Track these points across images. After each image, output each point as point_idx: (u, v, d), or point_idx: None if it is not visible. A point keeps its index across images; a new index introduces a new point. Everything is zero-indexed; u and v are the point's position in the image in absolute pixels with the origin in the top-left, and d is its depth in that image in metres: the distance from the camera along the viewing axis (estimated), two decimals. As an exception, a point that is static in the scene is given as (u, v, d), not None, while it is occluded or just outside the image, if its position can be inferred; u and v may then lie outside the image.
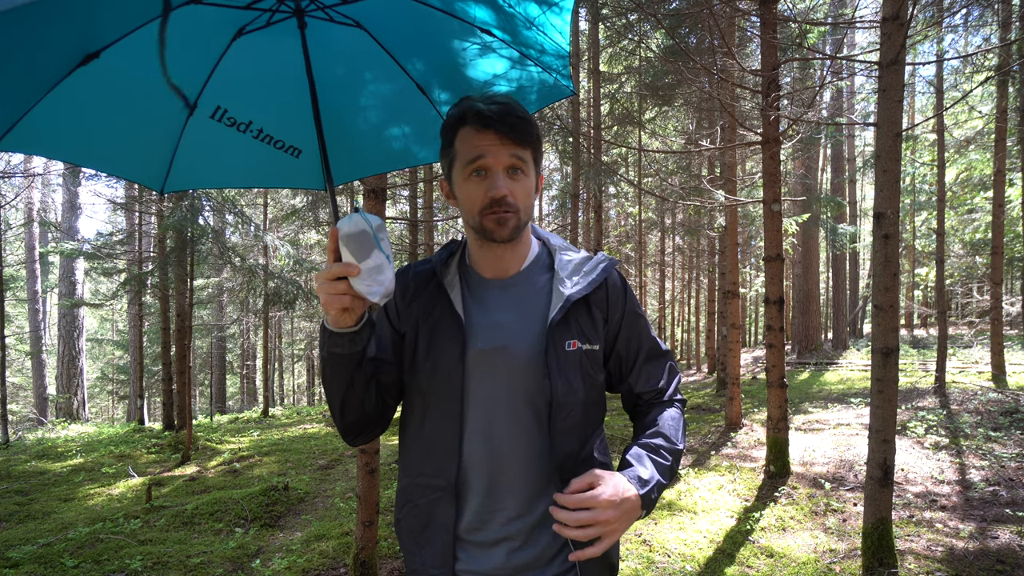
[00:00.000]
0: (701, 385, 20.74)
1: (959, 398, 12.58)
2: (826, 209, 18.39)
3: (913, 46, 12.03)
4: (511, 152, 1.73)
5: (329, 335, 1.66)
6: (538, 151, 1.85)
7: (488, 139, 1.72)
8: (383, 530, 6.59)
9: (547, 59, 2.33)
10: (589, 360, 1.84)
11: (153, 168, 2.35)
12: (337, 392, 1.76)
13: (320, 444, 12.94)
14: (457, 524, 1.82)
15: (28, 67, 1.81)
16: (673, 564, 5.89)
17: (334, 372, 1.73)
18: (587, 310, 1.87)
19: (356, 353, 1.69)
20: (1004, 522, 6.59)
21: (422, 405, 1.87)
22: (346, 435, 1.90)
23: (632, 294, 1.99)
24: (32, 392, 25.45)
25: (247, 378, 37.21)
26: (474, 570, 1.83)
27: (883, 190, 5.25)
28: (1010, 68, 12.86)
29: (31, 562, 6.21)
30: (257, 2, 2.11)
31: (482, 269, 1.93)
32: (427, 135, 2.62)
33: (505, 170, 1.74)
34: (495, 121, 1.71)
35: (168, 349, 15.91)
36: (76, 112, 2.02)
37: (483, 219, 1.76)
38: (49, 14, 1.69)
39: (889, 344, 5.22)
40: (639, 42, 14.19)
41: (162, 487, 9.48)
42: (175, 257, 12.86)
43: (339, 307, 1.58)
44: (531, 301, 1.86)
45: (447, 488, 1.81)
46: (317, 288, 1.58)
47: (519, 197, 1.76)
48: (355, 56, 2.40)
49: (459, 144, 1.77)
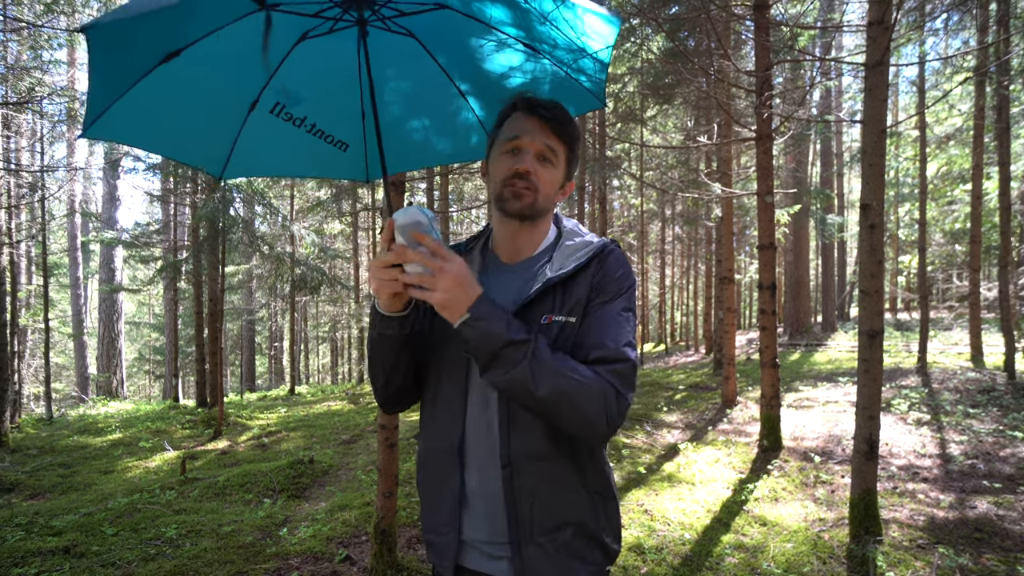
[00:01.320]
0: (699, 365, 20.74)
1: (940, 377, 12.55)
2: (816, 201, 18.29)
3: (897, 48, 11.97)
4: (546, 139, 1.78)
5: (381, 318, 1.72)
6: (572, 151, 1.87)
7: (530, 123, 1.79)
8: (402, 501, 6.60)
9: (559, 54, 2.33)
10: (565, 333, 1.74)
11: (215, 156, 2.41)
12: (382, 369, 1.84)
13: (343, 420, 12.97)
14: (463, 486, 1.81)
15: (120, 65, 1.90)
16: (673, 532, 5.89)
17: (382, 351, 1.79)
18: (571, 289, 1.78)
19: (404, 336, 1.74)
20: (981, 493, 6.59)
21: (436, 377, 1.89)
22: (385, 405, 1.99)
23: (624, 291, 1.81)
24: (74, 371, 25.56)
25: (275, 358, 37.31)
26: (479, 538, 1.81)
27: (869, 183, 5.23)
28: (987, 69, 12.81)
29: (73, 530, 6.25)
30: (324, 11, 2.15)
31: (500, 252, 1.94)
32: (465, 136, 2.67)
33: (536, 154, 1.79)
34: (540, 108, 1.78)
35: (201, 331, 16.01)
36: (151, 105, 2.08)
37: (503, 188, 1.79)
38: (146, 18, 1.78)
39: (875, 327, 5.21)
40: (641, 44, 14.14)
41: (195, 460, 9.52)
42: (208, 245, 12.92)
43: (390, 292, 1.62)
44: (525, 285, 1.84)
45: (452, 450, 1.81)
46: (371, 273, 1.61)
47: (542, 180, 1.79)
48: (404, 61, 2.43)
49: (505, 126, 1.84)
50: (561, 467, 1.77)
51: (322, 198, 20.14)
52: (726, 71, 10.89)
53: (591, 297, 1.78)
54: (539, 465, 1.74)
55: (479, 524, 1.80)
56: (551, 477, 1.76)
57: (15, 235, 14.36)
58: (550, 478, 1.76)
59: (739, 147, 17.99)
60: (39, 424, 14.13)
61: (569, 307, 1.77)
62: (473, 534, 1.81)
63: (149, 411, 16.07)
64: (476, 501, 1.80)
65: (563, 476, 1.78)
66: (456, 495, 1.81)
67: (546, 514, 1.75)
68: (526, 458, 1.73)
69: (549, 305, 1.77)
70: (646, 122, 18.05)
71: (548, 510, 1.75)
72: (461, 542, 1.82)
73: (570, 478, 1.79)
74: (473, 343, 1.59)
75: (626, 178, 21.04)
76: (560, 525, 1.76)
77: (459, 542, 1.82)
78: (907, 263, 29.65)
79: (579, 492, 1.80)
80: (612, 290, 1.78)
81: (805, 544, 5.49)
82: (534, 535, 1.74)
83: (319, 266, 14.60)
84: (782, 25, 9.93)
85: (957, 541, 5.47)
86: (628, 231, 29.11)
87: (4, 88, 12.33)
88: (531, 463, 1.74)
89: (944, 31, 16.55)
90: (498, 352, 1.57)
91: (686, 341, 33.15)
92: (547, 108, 1.78)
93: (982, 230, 16.14)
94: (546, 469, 1.75)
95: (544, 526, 1.75)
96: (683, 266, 34.82)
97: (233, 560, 5.45)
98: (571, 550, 1.78)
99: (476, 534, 1.81)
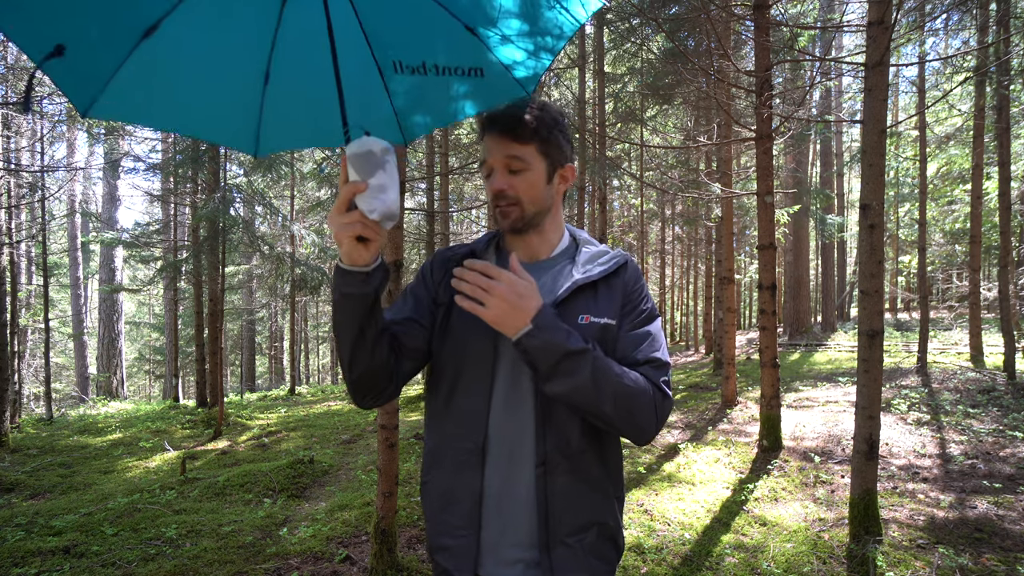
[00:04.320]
0: (699, 365, 20.72)
1: (940, 377, 12.55)
2: (815, 201, 18.29)
3: (897, 48, 11.96)
4: (506, 150, 1.78)
5: (342, 274, 1.61)
6: (547, 144, 1.83)
7: (492, 140, 1.80)
8: (402, 500, 6.61)
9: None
10: (608, 334, 1.79)
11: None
12: (347, 340, 1.68)
13: (343, 420, 12.97)
14: (483, 487, 1.78)
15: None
16: (673, 532, 5.89)
17: (344, 317, 1.65)
18: (603, 292, 1.84)
19: (367, 295, 1.62)
20: (981, 493, 6.59)
21: (454, 373, 1.84)
22: (354, 392, 1.78)
23: (653, 307, 1.92)
24: (74, 371, 25.60)
25: (275, 358, 37.30)
26: (499, 541, 1.79)
27: (869, 183, 5.23)
28: (987, 69, 12.81)
29: (73, 530, 6.25)
30: None
31: (515, 253, 1.90)
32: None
33: (504, 167, 1.80)
34: (493, 123, 1.80)
35: (201, 331, 16.01)
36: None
37: (494, 210, 1.83)
38: None
39: (874, 327, 5.21)
40: (641, 45, 14.14)
41: (195, 460, 9.53)
42: (208, 245, 12.91)
43: (351, 235, 1.53)
44: (551, 284, 1.84)
45: (475, 451, 1.77)
46: (330, 221, 1.56)
47: (520, 189, 1.79)
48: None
49: (483, 151, 1.84)
50: (592, 467, 1.80)
51: (322, 198, 20.11)
52: (726, 71, 10.88)
53: (625, 304, 1.84)
54: (572, 464, 1.76)
55: (500, 526, 1.79)
56: (584, 478, 1.78)
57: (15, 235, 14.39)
58: (583, 479, 1.78)
59: (739, 147, 17.99)
60: (39, 424, 14.11)
61: (604, 309, 1.81)
62: (491, 536, 1.79)
63: (149, 411, 16.06)
64: (498, 503, 1.78)
65: (593, 476, 1.80)
66: (476, 496, 1.78)
67: (575, 514, 1.77)
68: (561, 458, 1.74)
69: (583, 306, 1.79)
70: (646, 122, 18.03)
71: (577, 510, 1.78)
72: (479, 544, 1.80)
73: (599, 478, 1.82)
74: (533, 355, 1.59)
75: (626, 178, 21.01)
76: (587, 525, 1.79)
77: (478, 544, 1.80)
78: (907, 263, 29.68)
79: (606, 492, 1.84)
80: (648, 308, 1.88)
81: (805, 544, 5.49)
82: (562, 536, 1.75)
83: (319, 266, 14.60)
84: (782, 25, 9.94)
85: (957, 541, 5.46)
86: (628, 231, 29.09)
87: (4, 88, 12.34)
88: (565, 462, 1.75)
89: (944, 31, 16.59)
90: (559, 363, 1.58)
91: (686, 341, 33.11)
92: (498, 119, 1.80)
93: (982, 230, 16.15)
94: (579, 470, 1.77)
95: (573, 526, 1.76)
96: (683, 266, 34.80)
97: (233, 560, 5.45)
98: (594, 550, 1.80)
99: (495, 537, 1.79)
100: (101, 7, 1.80)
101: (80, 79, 1.88)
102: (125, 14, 1.85)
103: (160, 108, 2.16)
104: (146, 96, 2.07)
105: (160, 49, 1.96)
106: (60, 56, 1.75)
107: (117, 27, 1.86)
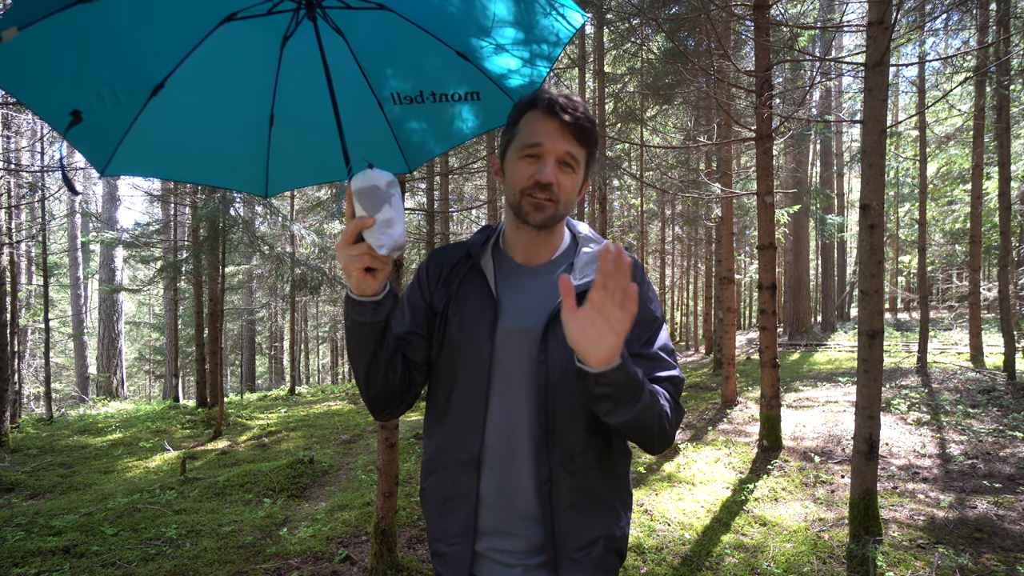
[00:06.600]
0: (699, 365, 20.72)
1: (940, 377, 12.55)
2: (815, 201, 18.32)
3: (897, 48, 11.96)
4: (568, 146, 1.70)
5: (352, 304, 1.62)
6: (591, 156, 1.80)
7: (551, 126, 1.70)
8: (402, 501, 6.61)
9: None
10: None
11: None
12: (362, 364, 1.70)
13: (343, 420, 12.98)
14: (479, 497, 1.76)
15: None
16: (673, 532, 5.89)
17: (358, 343, 1.67)
18: None
19: (378, 323, 1.63)
20: (981, 493, 6.59)
21: (450, 381, 1.82)
22: (372, 409, 1.83)
23: (653, 297, 1.84)
24: (74, 372, 25.60)
25: (275, 358, 37.31)
26: (495, 548, 1.78)
27: (869, 183, 5.23)
28: (987, 69, 12.81)
29: (73, 530, 6.25)
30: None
31: (514, 254, 1.88)
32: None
33: (557, 160, 1.71)
34: (562, 111, 1.69)
35: (201, 331, 16.01)
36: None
37: (523, 200, 1.73)
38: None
39: (874, 327, 5.21)
40: (641, 45, 14.15)
41: (195, 460, 9.53)
42: (208, 245, 12.90)
43: (359, 267, 1.53)
44: (550, 290, 1.78)
45: (470, 462, 1.76)
46: (338, 254, 1.54)
47: (563, 189, 1.72)
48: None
49: (523, 124, 1.74)
50: (599, 482, 1.78)
51: (322, 198, 20.09)
52: (726, 71, 10.88)
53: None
54: (578, 481, 1.73)
55: (497, 536, 1.78)
56: (591, 494, 1.76)
57: (15, 235, 14.38)
58: (590, 494, 1.76)
59: (739, 147, 18.01)
60: (39, 424, 14.11)
61: None
62: (488, 545, 1.79)
63: (149, 411, 16.07)
64: (494, 512, 1.77)
65: (600, 490, 1.79)
66: (472, 505, 1.77)
67: (583, 531, 1.75)
68: (567, 474, 1.72)
69: None
70: (646, 122, 18.03)
71: (585, 526, 1.76)
72: (475, 553, 1.80)
73: (606, 491, 1.81)
74: (619, 387, 1.48)
75: (626, 178, 20.99)
76: (595, 539, 1.77)
77: (472, 553, 1.79)
78: (907, 263, 29.71)
79: (614, 504, 1.83)
80: (656, 314, 1.82)
81: (805, 544, 5.49)
82: (570, 551, 1.74)
83: (319, 266, 14.56)
84: (782, 25, 9.95)
85: (957, 541, 5.47)
86: (628, 231, 29.07)
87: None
88: (571, 479, 1.72)
89: (944, 31, 16.56)
90: (635, 392, 1.51)
91: (686, 341, 33.15)
92: (569, 111, 1.69)
93: (982, 230, 16.15)
94: (585, 486, 1.75)
95: (581, 541, 1.75)
96: (683, 266, 34.78)
97: (233, 560, 5.45)
98: (601, 563, 1.78)
99: (491, 545, 1.79)
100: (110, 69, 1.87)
101: (97, 140, 1.96)
102: (133, 73, 1.93)
103: (173, 160, 2.24)
104: (160, 150, 2.15)
105: (169, 103, 2.03)
106: (80, 122, 1.83)
107: (127, 86, 1.93)
